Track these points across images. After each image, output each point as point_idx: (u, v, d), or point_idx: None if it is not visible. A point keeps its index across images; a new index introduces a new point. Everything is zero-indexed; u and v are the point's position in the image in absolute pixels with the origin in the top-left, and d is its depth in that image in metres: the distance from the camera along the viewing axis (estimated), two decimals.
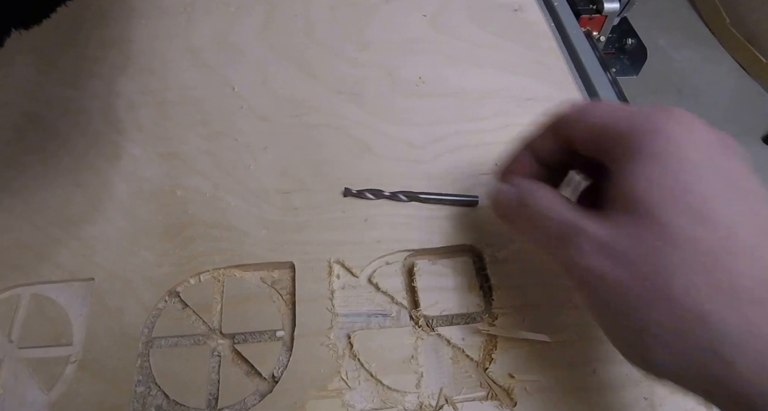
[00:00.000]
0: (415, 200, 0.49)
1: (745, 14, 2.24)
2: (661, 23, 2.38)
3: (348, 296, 0.45)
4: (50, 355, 0.42)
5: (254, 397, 0.41)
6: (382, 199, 0.49)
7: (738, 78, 2.23)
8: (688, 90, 2.18)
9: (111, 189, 0.50)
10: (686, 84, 2.20)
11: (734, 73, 2.25)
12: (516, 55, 0.62)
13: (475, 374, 0.42)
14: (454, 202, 0.49)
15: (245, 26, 0.65)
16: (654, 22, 2.36)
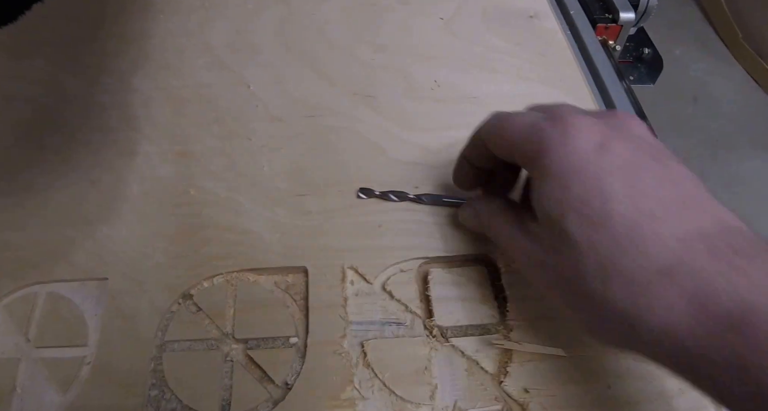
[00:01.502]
0: (437, 204, 0.49)
1: (756, 29, 2.24)
2: (677, 35, 2.39)
3: (362, 303, 0.44)
4: (66, 355, 0.41)
5: (267, 404, 0.40)
6: (405, 202, 0.49)
7: (750, 90, 2.24)
8: (703, 99, 2.18)
9: (125, 188, 0.49)
10: (701, 93, 2.20)
11: (746, 86, 2.26)
12: (531, 62, 0.61)
13: (490, 387, 0.41)
14: None
15: (262, 25, 0.64)
16: (671, 33, 2.36)
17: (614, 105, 0.61)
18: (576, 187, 0.33)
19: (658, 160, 0.34)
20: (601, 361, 0.42)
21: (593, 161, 0.33)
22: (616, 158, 0.33)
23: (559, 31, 0.65)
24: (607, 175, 0.33)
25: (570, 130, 0.35)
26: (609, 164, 0.33)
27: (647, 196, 0.32)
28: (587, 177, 0.33)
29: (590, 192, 0.33)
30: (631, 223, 0.32)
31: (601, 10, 0.76)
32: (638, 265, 0.31)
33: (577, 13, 0.72)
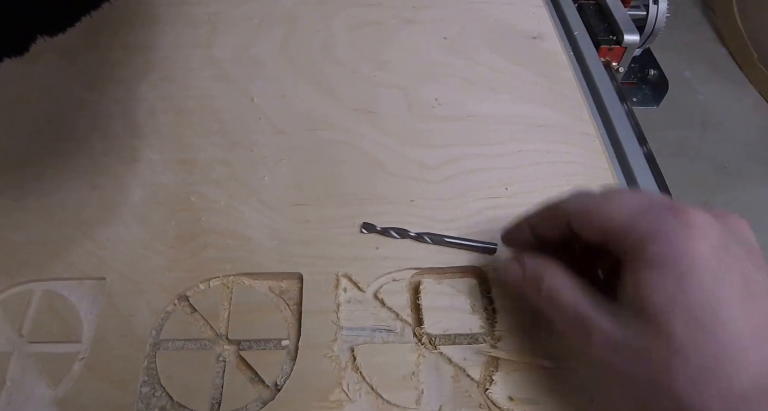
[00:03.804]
0: (439, 244, 0.50)
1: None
2: (687, 56, 2.40)
3: (353, 310, 0.46)
4: (59, 351, 0.43)
5: (256, 403, 0.42)
6: (406, 239, 0.50)
7: (762, 114, 2.24)
8: (712, 123, 2.19)
9: (126, 192, 0.52)
10: (710, 117, 2.21)
11: (760, 109, 2.26)
12: (533, 83, 0.64)
13: (475, 394, 0.43)
14: (473, 248, 0.50)
15: (267, 40, 0.67)
16: (680, 54, 2.38)
17: (614, 127, 0.63)
18: (692, 287, 0.32)
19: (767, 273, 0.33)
20: (586, 374, 0.44)
21: (713, 263, 0.32)
22: (735, 265, 0.33)
23: (562, 52, 0.68)
24: (725, 281, 0.32)
25: (694, 224, 0.34)
26: (728, 269, 0.32)
27: (759, 312, 0.31)
28: (705, 278, 0.32)
29: (705, 295, 0.32)
30: (740, 338, 0.31)
31: (605, 32, 0.78)
32: (740, 379, 0.30)
33: (581, 34, 0.74)
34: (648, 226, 0.34)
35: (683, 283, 0.32)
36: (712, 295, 0.32)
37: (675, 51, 2.36)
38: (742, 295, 0.32)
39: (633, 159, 0.60)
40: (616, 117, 0.64)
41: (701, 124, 2.19)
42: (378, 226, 0.50)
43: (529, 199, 0.52)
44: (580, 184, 0.54)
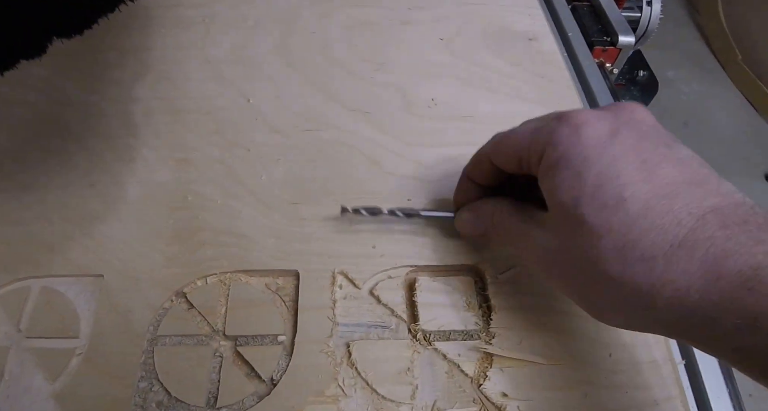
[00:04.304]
0: (414, 216, 0.50)
1: (758, 51, 2.27)
2: (671, 56, 2.41)
3: (349, 306, 0.47)
4: (57, 346, 0.44)
5: (253, 398, 0.42)
6: (381, 216, 0.50)
7: (745, 114, 2.26)
8: (694, 123, 2.20)
9: (124, 191, 0.52)
10: (693, 117, 2.22)
11: (742, 109, 2.28)
12: (528, 83, 0.65)
13: (469, 390, 0.43)
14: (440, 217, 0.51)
15: (263, 41, 0.67)
16: (664, 54, 2.39)
17: None
18: (589, 174, 0.35)
19: (666, 144, 0.36)
20: (579, 370, 0.44)
21: (604, 149, 0.36)
22: (627, 144, 0.36)
23: (557, 53, 0.68)
24: (619, 160, 0.35)
25: (579, 123, 0.37)
26: (620, 150, 0.35)
27: (659, 178, 0.34)
28: (600, 164, 0.35)
29: (604, 178, 0.35)
30: (645, 204, 0.33)
31: (600, 33, 0.79)
32: (654, 242, 0.33)
33: (575, 35, 0.75)
34: (543, 138, 0.38)
35: (582, 175, 0.36)
36: (609, 176, 0.35)
37: (659, 50, 2.36)
38: (639, 168, 0.35)
39: None
40: None
41: (684, 123, 2.20)
42: (349, 207, 0.50)
43: None
44: None
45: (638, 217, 0.33)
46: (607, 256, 0.34)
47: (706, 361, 0.47)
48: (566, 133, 0.37)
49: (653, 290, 0.33)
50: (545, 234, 0.39)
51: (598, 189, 0.35)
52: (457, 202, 0.50)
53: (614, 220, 0.34)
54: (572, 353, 0.45)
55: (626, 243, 0.33)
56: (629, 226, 0.34)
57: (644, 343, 0.46)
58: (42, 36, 0.40)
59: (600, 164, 0.35)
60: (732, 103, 2.30)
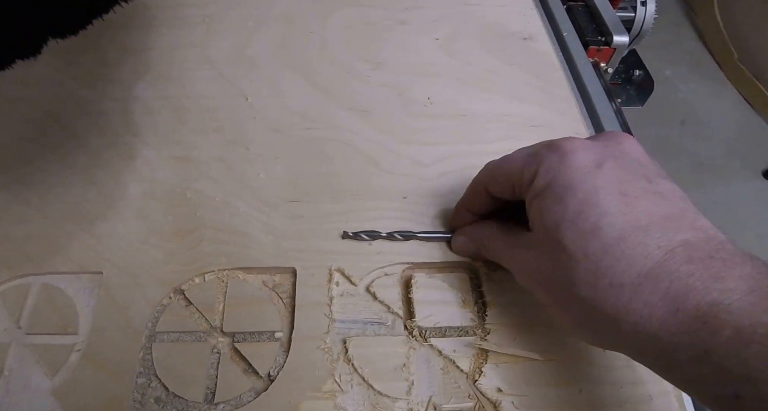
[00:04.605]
0: (412, 239, 0.51)
1: (754, 50, 2.27)
2: (668, 55, 2.41)
3: (346, 303, 0.47)
4: (56, 342, 0.44)
5: (250, 394, 0.42)
6: (378, 240, 0.51)
7: (742, 112, 2.26)
8: (692, 122, 2.20)
9: (124, 188, 0.52)
10: (690, 116, 2.22)
11: (738, 108, 2.28)
12: (524, 83, 0.65)
13: (464, 385, 0.43)
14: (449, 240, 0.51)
15: (262, 41, 0.67)
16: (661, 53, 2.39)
17: (602, 126, 0.63)
18: (572, 201, 0.37)
19: (648, 178, 0.37)
20: (574, 366, 0.44)
21: (588, 178, 0.37)
22: (610, 176, 0.37)
23: (552, 52, 0.68)
24: (601, 190, 0.36)
25: (566, 151, 0.39)
26: (603, 181, 0.37)
27: (637, 211, 0.35)
28: (582, 192, 0.36)
29: (584, 205, 0.36)
30: (620, 234, 0.35)
31: (594, 33, 0.79)
32: (624, 271, 0.34)
33: (570, 35, 0.75)
34: (533, 165, 0.40)
35: (564, 201, 0.37)
36: (589, 204, 0.36)
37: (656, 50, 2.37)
38: (618, 200, 0.36)
39: None
40: (604, 115, 0.64)
41: (681, 122, 2.21)
42: (350, 232, 0.50)
43: None
44: None
45: (612, 246, 0.35)
46: (581, 278, 0.36)
47: None
48: (554, 161, 0.39)
49: (618, 316, 0.34)
50: (529, 254, 0.41)
51: (578, 216, 0.36)
52: (453, 226, 0.51)
53: (590, 246, 0.35)
54: (567, 349, 0.45)
55: (599, 269, 0.35)
56: (603, 253, 0.35)
57: None
58: (38, 36, 0.40)
59: (582, 192, 0.37)
60: (729, 102, 2.31)
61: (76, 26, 0.43)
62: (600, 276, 0.35)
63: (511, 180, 0.42)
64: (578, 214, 0.36)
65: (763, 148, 2.13)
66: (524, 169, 0.41)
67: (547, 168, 0.39)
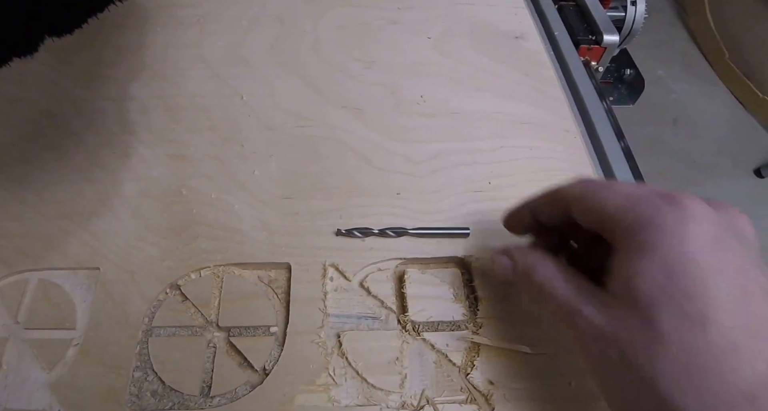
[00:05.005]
0: (404, 235, 0.51)
1: (744, 49, 2.28)
2: (660, 55, 2.42)
3: (340, 298, 0.47)
4: (54, 337, 0.44)
5: (245, 387, 0.43)
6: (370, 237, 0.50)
7: (733, 111, 2.27)
8: (684, 121, 2.21)
9: (120, 186, 0.52)
10: (683, 115, 2.23)
11: (730, 106, 2.29)
12: (515, 81, 0.65)
13: (457, 379, 0.43)
14: (446, 235, 0.51)
15: (256, 40, 0.67)
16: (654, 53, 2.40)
17: (593, 124, 0.64)
18: (683, 278, 0.31)
19: (765, 272, 0.32)
20: (564, 360, 0.44)
21: (707, 256, 0.31)
22: (730, 260, 0.31)
23: (543, 51, 0.69)
24: (718, 275, 0.31)
25: (689, 213, 0.32)
26: (722, 264, 0.31)
27: (752, 312, 0.30)
28: (698, 271, 0.31)
29: (697, 289, 0.30)
30: (730, 337, 0.29)
31: (585, 32, 0.79)
32: (725, 383, 0.29)
33: (561, 34, 0.75)
34: (641, 213, 0.33)
35: (673, 274, 0.31)
36: (704, 289, 0.30)
37: (649, 50, 2.38)
38: (736, 294, 0.30)
39: (612, 154, 0.61)
40: (595, 114, 0.65)
41: (673, 121, 2.21)
42: (343, 229, 0.50)
43: (511, 194, 0.53)
44: (560, 178, 0.55)
45: (718, 349, 0.29)
46: (668, 374, 0.30)
47: None
48: (673, 220, 0.32)
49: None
50: (599, 317, 0.34)
51: (687, 298, 0.30)
52: (507, 224, 0.46)
53: (692, 342, 0.30)
54: (557, 343, 0.45)
55: (691, 369, 0.30)
56: (706, 355, 0.29)
57: None
58: (34, 35, 0.40)
59: (699, 271, 0.31)
60: (721, 101, 2.32)
61: (72, 25, 0.43)
62: (695, 380, 0.29)
63: (602, 214, 0.36)
64: (688, 297, 0.30)
65: (754, 146, 2.14)
66: (627, 211, 0.34)
67: (661, 224, 0.32)
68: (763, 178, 2.00)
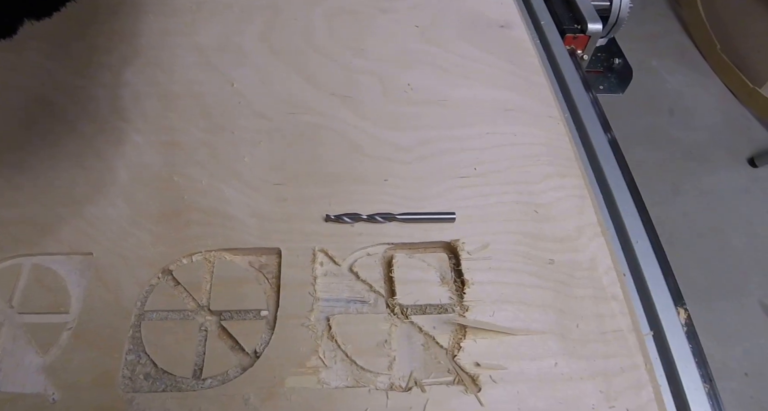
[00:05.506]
0: (392, 221, 0.50)
1: (735, 41, 2.27)
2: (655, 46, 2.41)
3: (329, 283, 0.47)
4: (48, 321, 0.44)
5: (236, 369, 0.43)
6: (360, 222, 0.50)
7: (726, 102, 2.27)
8: (679, 111, 2.20)
9: (113, 173, 0.52)
10: (677, 105, 2.23)
11: (723, 97, 2.29)
12: (500, 69, 0.64)
13: (444, 360, 0.44)
14: (433, 220, 0.51)
15: (248, 29, 0.67)
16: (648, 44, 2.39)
17: (578, 111, 0.63)
18: None
19: None
20: (549, 341, 0.45)
21: None
22: None
23: (528, 40, 0.68)
24: None
25: None
26: None
27: None
28: None
29: None
30: None
31: (571, 21, 0.79)
32: None
33: (548, 23, 0.75)
34: None
35: None
36: None
37: (643, 41, 2.37)
38: None
39: (597, 144, 0.61)
40: (580, 102, 0.65)
41: (669, 111, 2.21)
42: (332, 215, 0.50)
43: (496, 179, 0.53)
44: (544, 164, 0.55)
45: None
46: None
47: (674, 333, 0.48)
48: None
49: None
50: None
51: None
52: None
53: None
54: (542, 324, 0.45)
55: None
56: None
57: (610, 314, 0.46)
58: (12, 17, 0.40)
59: None
60: (714, 92, 2.31)
61: (50, 8, 0.43)
62: None
63: None
64: None
65: (747, 136, 2.14)
66: None
67: None
68: (756, 167, 2.00)
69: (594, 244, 0.50)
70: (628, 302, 0.48)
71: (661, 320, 0.49)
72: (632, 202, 0.56)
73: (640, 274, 0.52)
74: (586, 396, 0.43)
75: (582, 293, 0.47)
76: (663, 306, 0.50)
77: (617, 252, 0.53)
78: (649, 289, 0.51)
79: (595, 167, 0.59)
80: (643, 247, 0.53)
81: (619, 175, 0.58)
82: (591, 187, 0.56)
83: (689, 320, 0.50)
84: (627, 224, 0.54)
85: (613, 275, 0.49)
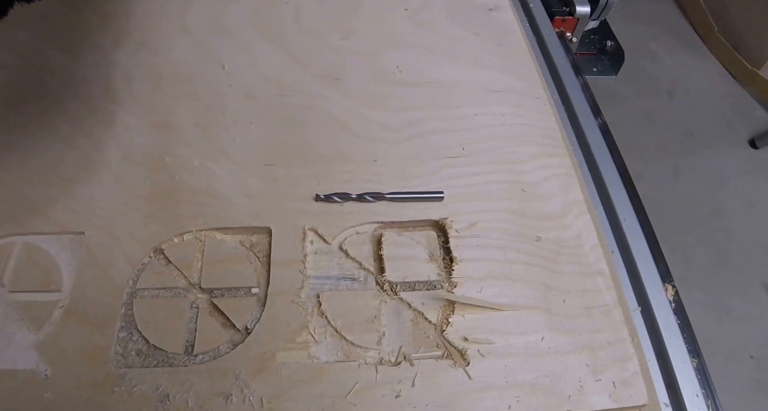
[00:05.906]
0: (381, 200, 0.50)
1: (732, 22, 2.27)
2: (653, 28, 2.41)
3: (320, 260, 0.47)
4: (40, 299, 0.43)
5: (228, 345, 0.42)
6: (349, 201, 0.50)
7: (726, 83, 2.26)
8: (679, 93, 2.20)
9: (104, 153, 0.52)
10: (676, 87, 2.22)
11: (722, 79, 2.28)
12: (489, 51, 0.64)
13: (433, 336, 0.44)
14: (421, 199, 0.51)
15: (238, 10, 0.66)
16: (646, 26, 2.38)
17: (566, 92, 0.63)
18: None
19: None
20: (536, 316, 0.45)
21: None
22: None
23: (516, 22, 0.68)
24: None
25: None
26: None
27: None
28: None
29: None
30: None
31: (559, 4, 0.78)
32: None
33: (536, 5, 0.75)
34: None
35: None
36: None
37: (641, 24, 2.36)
38: None
39: (585, 124, 0.61)
40: (568, 83, 0.65)
41: (668, 93, 2.21)
42: (322, 195, 0.50)
43: (484, 159, 0.53)
44: (531, 143, 0.55)
45: None
46: None
47: (662, 308, 0.48)
48: None
49: None
50: None
51: None
52: None
53: None
54: (529, 300, 0.45)
55: None
56: None
57: (596, 289, 0.46)
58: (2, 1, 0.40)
59: None
60: (713, 73, 2.30)
61: None
62: None
63: None
64: None
65: (747, 117, 2.14)
66: None
67: None
68: (757, 148, 2.00)
69: (580, 221, 0.50)
70: (615, 278, 0.48)
71: (649, 296, 0.49)
72: (621, 181, 0.57)
73: (628, 252, 0.52)
74: (572, 369, 0.43)
75: (568, 269, 0.47)
76: (651, 282, 0.50)
77: (605, 230, 0.53)
78: (637, 266, 0.51)
79: (584, 146, 0.59)
80: (631, 225, 0.53)
81: (607, 154, 0.58)
82: (579, 166, 0.56)
83: (677, 296, 0.50)
84: (615, 202, 0.55)
85: (599, 251, 0.49)
